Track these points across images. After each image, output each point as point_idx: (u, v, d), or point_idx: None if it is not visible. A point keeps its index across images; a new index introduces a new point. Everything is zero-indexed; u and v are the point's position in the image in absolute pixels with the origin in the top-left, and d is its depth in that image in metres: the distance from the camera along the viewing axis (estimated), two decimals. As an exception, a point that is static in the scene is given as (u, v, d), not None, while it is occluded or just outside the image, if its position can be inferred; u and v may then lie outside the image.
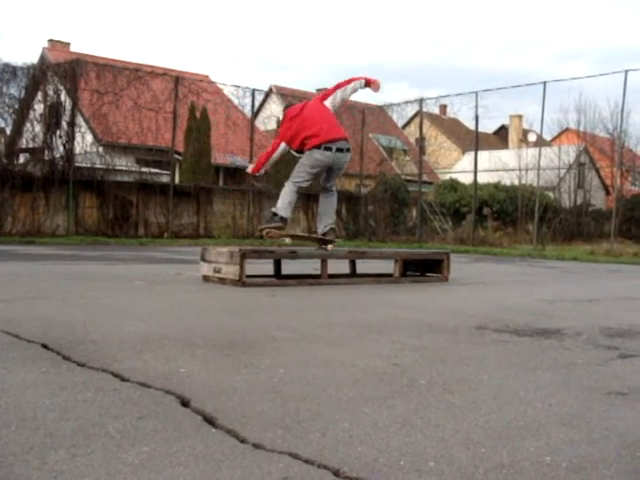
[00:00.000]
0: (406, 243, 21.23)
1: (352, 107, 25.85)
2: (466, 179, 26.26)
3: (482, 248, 19.11)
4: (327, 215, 7.67)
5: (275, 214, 7.49)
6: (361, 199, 23.88)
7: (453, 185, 27.72)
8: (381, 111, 27.10)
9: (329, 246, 7.52)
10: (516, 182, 28.36)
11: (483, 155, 25.32)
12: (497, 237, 21.75)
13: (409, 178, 25.76)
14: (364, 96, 27.69)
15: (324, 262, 7.13)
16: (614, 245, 18.11)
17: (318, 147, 7.29)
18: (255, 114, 23.66)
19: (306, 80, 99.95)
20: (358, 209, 23.73)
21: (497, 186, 28.14)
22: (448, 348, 3.64)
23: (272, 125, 26.32)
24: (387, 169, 26.94)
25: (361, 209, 23.75)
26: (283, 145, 7.54)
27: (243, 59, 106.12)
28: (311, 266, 7.96)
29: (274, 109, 30.92)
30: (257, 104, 25.55)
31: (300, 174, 7.43)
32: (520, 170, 27.68)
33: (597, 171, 33.16)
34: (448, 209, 25.84)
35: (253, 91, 21.77)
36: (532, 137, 32.74)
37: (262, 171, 7.86)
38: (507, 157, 30.80)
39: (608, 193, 33.00)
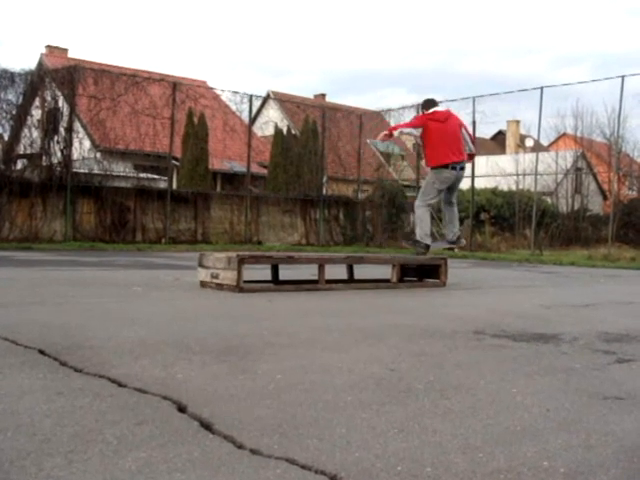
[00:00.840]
0: (403, 248, 21.22)
1: (350, 112, 25.89)
2: (463, 184, 26.24)
3: (480, 253, 19.11)
4: (453, 224, 8.74)
5: (418, 241, 8.42)
6: (358, 204, 23.90)
7: None
8: (378, 116, 27.13)
9: (456, 249, 8.78)
10: (514, 187, 28.39)
11: (480, 160, 25.34)
12: (495, 242, 21.73)
13: (406, 183, 25.76)
14: (360, 102, 27.73)
15: (321, 267, 7.12)
16: (611, 250, 18.12)
17: (446, 166, 8.35)
18: (253, 120, 23.67)
19: (304, 86, 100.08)
20: (356, 214, 23.74)
21: (495, 191, 28.16)
22: (445, 353, 3.64)
23: (270, 130, 26.33)
24: (385, 174, 26.94)
25: (359, 214, 23.76)
26: (420, 128, 8.57)
27: (241, 65, 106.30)
28: (309, 271, 7.97)
29: (272, 115, 30.94)
30: (255, 110, 25.56)
31: (431, 193, 8.50)
32: (517, 175, 27.72)
33: (594, 176, 33.22)
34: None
35: (251, 97, 21.79)
36: (529, 142, 32.74)
37: (395, 134, 8.92)
38: (504, 162, 30.82)
39: (605, 198, 33.03)
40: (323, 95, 41.88)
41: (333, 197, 23.67)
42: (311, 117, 23.86)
